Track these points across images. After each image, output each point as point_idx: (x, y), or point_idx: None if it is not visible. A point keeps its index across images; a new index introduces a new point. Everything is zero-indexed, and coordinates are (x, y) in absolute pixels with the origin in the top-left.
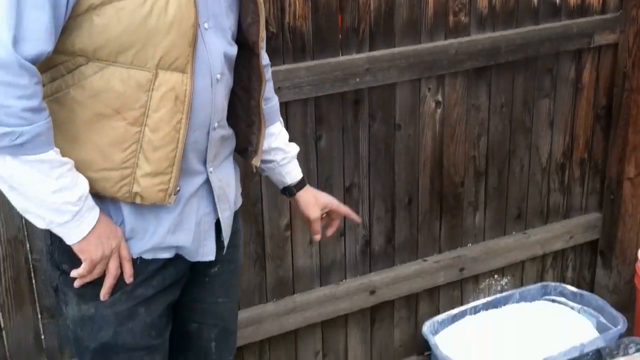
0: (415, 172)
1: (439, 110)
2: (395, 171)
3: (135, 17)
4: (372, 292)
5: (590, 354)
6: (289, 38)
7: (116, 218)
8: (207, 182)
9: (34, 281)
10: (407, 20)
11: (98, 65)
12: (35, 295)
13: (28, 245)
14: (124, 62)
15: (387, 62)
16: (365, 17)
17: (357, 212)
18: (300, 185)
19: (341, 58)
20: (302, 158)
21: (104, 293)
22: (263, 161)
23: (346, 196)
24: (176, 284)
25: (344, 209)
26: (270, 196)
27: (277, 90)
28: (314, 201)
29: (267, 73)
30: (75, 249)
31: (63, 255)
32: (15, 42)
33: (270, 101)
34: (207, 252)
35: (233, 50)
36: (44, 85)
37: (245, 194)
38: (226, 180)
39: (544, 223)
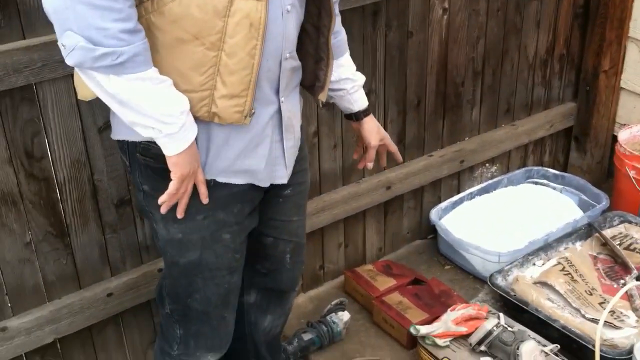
0: (424, 75)
1: (445, 17)
2: (407, 76)
3: None
4: (388, 188)
5: (584, 227)
6: None
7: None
8: (279, 111)
9: (97, 200)
10: None
11: None
12: (99, 213)
13: (90, 166)
14: None
15: None
16: None
17: (375, 115)
18: (367, 112)
19: None
20: None
21: (179, 211)
22: (333, 89)
23: None
24: (255, 212)
25: (394, 147)
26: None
27: None
28: (377, 130)
29: (336, 8)
30: (171, 162)
31: (142, 176)
32: None
33: (339, 34)
34: (280, 176)
35: None
36: None
37: None
38: (293, 111)
39: (528, 114)
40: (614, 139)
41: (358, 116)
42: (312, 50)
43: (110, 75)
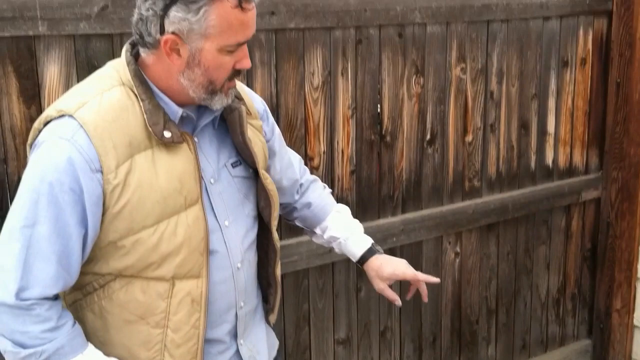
0: (439, 314)
1: (457, 260)
2: (422, 314)
3: (148, 244)
4: None
5: None
6: None
7: None
8: (237, 352)
9: None
10: (432, 186)
11: (124, 280)
12: None
13: None
14: (146, 276)
15: (417, 223)
16: (398, 186)
17: (390, 353)
18: (361, 261)
19: (381, 221)
20: (345, 307)
21: None
22: (329, 242)
23: (381, 339)
24: None
25: (422, 275)
26: (318, 343)
27: (330, 250)
28: (374, 274)
29: (303, 170)
30: None
31: None
32: (21, 290)
33: (311, 205)
34: None
35: (253, 233)
36: (79, 299)
37: (296, 343)
38: (257, 348)
39: (544, 351)
40: None
41: (362, 261)
42: (264, 274)
43: None
